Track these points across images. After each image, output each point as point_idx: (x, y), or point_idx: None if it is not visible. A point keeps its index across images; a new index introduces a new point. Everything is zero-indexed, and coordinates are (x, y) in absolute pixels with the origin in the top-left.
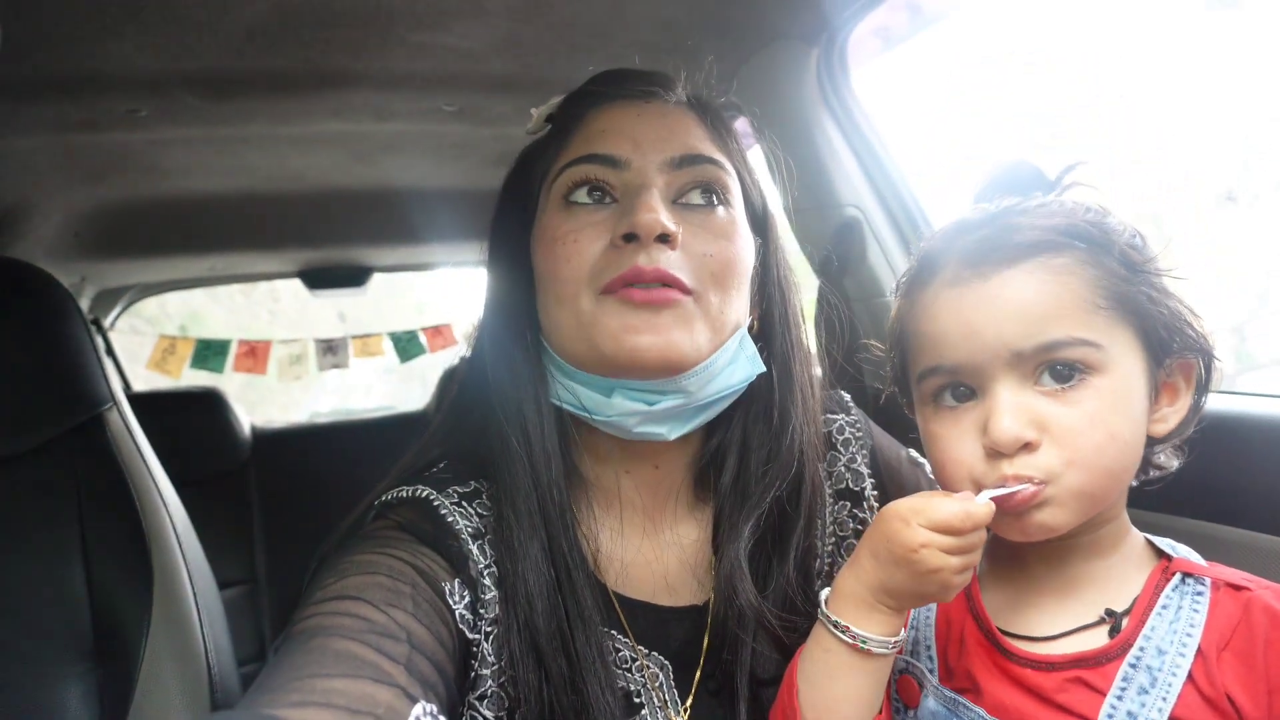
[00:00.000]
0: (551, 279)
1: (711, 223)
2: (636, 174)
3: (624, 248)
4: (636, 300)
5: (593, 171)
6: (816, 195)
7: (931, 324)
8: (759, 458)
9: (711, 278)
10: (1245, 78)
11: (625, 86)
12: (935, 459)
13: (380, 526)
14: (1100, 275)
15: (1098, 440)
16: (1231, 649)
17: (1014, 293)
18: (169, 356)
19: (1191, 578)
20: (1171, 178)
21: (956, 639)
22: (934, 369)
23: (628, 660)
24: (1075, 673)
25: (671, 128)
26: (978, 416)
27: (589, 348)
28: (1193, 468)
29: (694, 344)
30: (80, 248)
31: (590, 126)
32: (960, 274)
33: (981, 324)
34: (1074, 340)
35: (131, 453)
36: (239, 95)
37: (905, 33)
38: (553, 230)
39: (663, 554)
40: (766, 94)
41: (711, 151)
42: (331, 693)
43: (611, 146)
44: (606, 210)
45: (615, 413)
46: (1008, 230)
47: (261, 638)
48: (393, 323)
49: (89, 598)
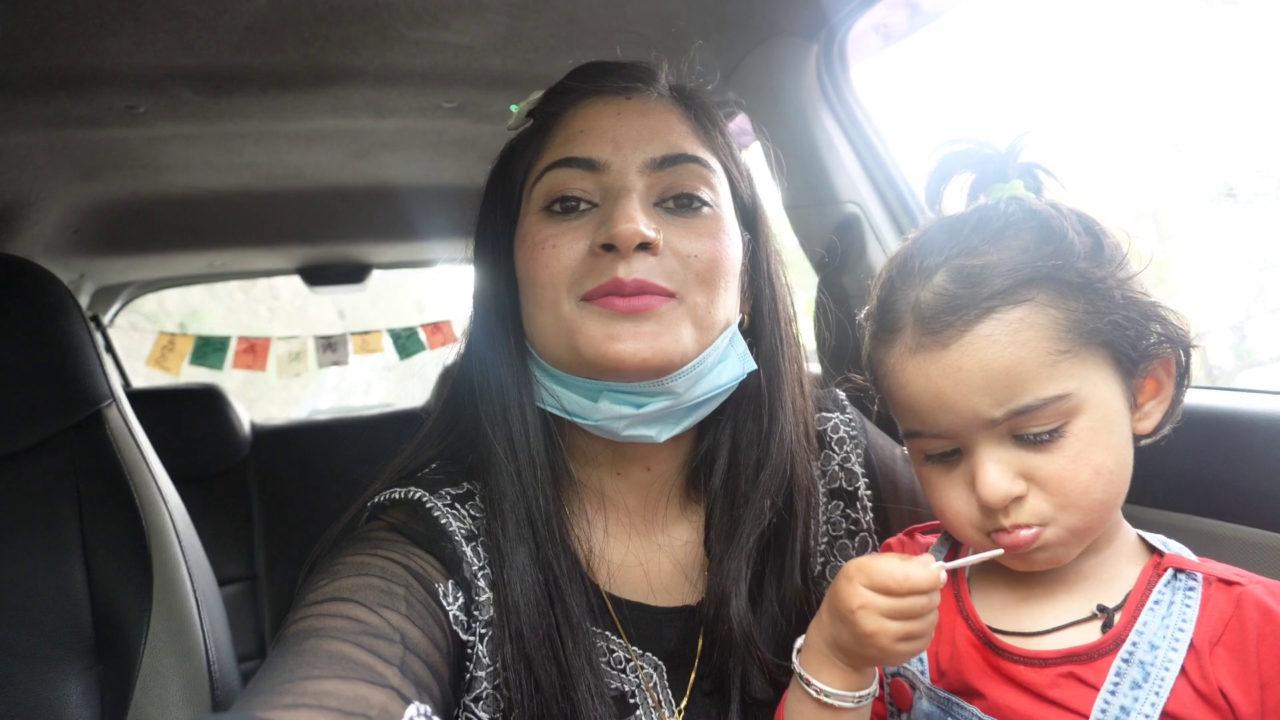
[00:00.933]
0: (532, 284)
1: (696, 224)
2: (616, 177)
3: (603, 256)
4: (619, 309)
5: (572, 179)
6: (815, 192)
7: (902, 392)
8: (748, 457)
9: (697, 278)
10: (1247, 72)
11: (605, 82)
12: (934, 505)
13: (373, 528)
14: (1059, 316)
15: (1084, 480)
16: (1224, 644)
17: (975, 363)
18: (168, 353)
19: (1183, 573)
20: (1170, 173)
21: (948, 640)
22: (916, 433)
23: (621, 661)
24: (1068, 668)
25: (653, 126)
26: (966, 472)
27: (571, 352)
28: (1192, 464)
29: (680, 345)
30: (79, 244)
31: (570, 125)
32: (920, 340)
33: (950, 396)
34: (1044, 401)
35: (131, 450)
36: (238, 91)
37: (905, 29)
38: (533, 236)
39: (655, 555)
40: (766, 90)
41: (695, 149)
42: (324, 694)
43: (590, 148)
44: (587, 216)
45: (602, 416)
46: (962, 281)
47: (261, 634)
48: (392, 319)
49: (89, 595)
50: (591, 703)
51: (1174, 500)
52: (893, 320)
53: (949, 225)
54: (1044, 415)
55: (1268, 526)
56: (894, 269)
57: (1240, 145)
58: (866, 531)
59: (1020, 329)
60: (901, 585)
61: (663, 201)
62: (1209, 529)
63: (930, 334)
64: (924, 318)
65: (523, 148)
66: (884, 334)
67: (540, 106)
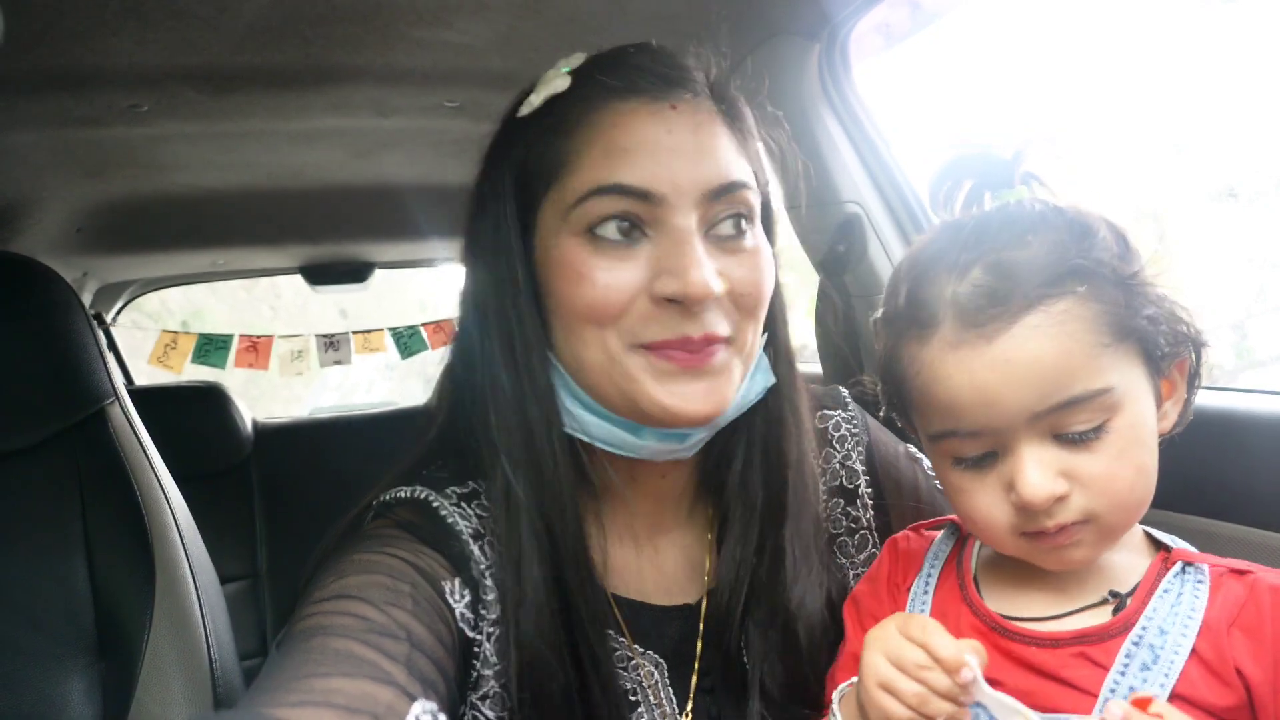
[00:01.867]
0: (574, 317)
1: (742, 254)
2: (671, 212)
3: (667, 308)
4: (679, 364)
5: (622, 206)
6: (817, 191)
7: (940, 388)
8: (760, 451)
9: (746, 315)
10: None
11: (643, 82)
12: (963, 512)
13: (379, 526)
14: (1101, 310)
15: (1129, 478)
16: (1240, 625)
17: (1024, 354)
18: (171, 352)
19: (1191, 566)
20: (1171, 173)
21: (953, 632)
22: (950, 433)
23: (624, 660)
24: (1079, 649)
25: (704, 145)
26: (1002, 473)
27: (625, 398)
28: (1193, 464)
29: (733, 389)
30: (82, 243)
31: (609, 137)
32: (962, 334)
33: (995, 391)
34: (1090, 394)
35: (134, 448)
36: (239, 91)
37: (907, 29)
38: (577, 265)
39: (661, 554)
40: (767, 90)
41: (740, 170)
42: (330, 692)
43: (642, 175)
44: (639, 248)
45: (649, 452)
46: (1003, 274)
47: (263, 632)
48: (394, 318)
49: (91, 592)
50: (606, 706)
51: (1172, 500)
52: (927, 316)
53: (974, 223)
54: (1088, 410)
55: (1267, 526)
56: (918, 267)
57: (1240, 145)
58: (867, 529)
59: (1066, 320)
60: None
61: (712, 229)
62: (1207, 528)
63: (974, 327)
64: (965, 311)
65: (544, 141)
66: (916, 330)
67: (562, 95)
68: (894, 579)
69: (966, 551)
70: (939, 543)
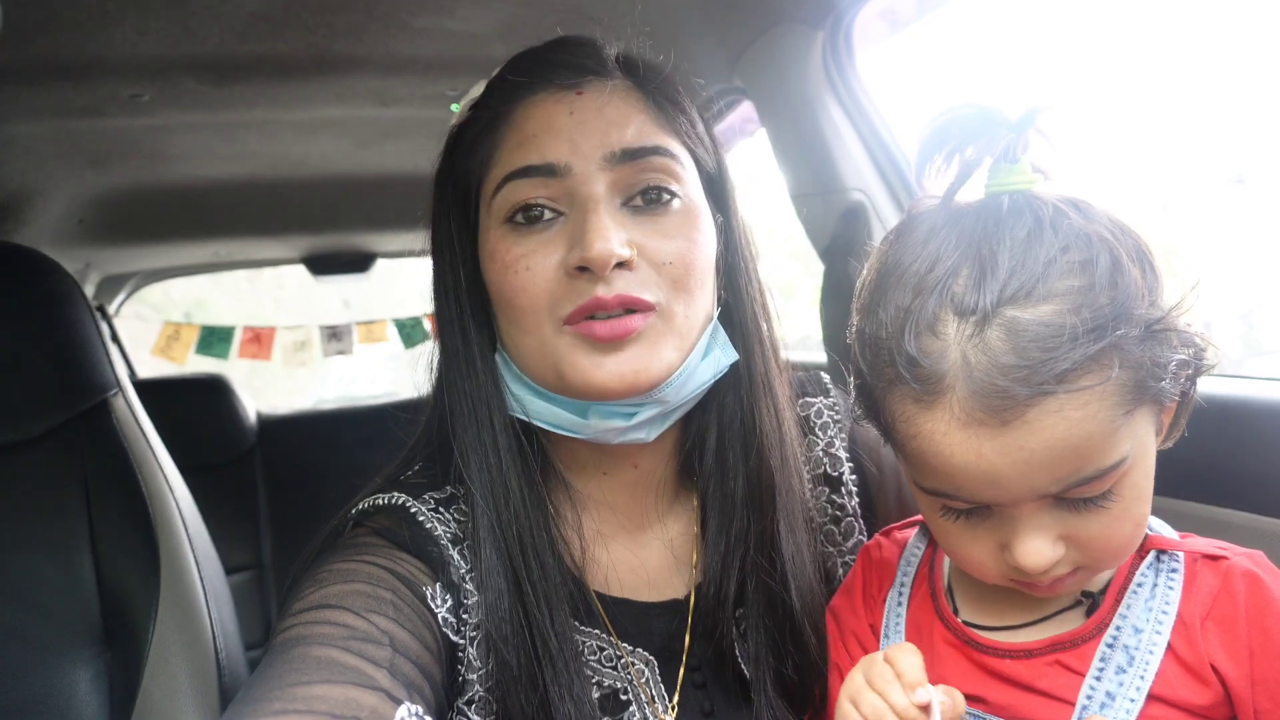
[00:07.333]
0: (510, 307)
1: (666, 223)
2: (579, 181)
3: (579, 277)
4: (600, 336)
5: (532, 190)
6: (821, 180)
7: (939, 460)
8: (736, 432)
9: (673, 286)
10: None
11: (552, 74)
12: (950, 552)
13: (357, 534)
14: (1126, 378)
15: (1126, 534)
16: (1213, 618)
17: (1039, 442)
18: (174, 343)
19: (1166, 554)
20: (1180, 161)
21: (928, 646)
22: (947, 494)
23: (612, 659)
24: (1054, 656)
25: (610, 119)
26: (996, 531)
27: (558, 378)
28: (1198, 452)
29: (663, 362)
30: (85, 234)
31: (522, 128)
32: (972, 413)
33: (1004, 475)
34: (1104, 470)
35: (137, 439)
36: (241, 80)
37: (911, 16)
38: (503, 255)
39: (648, 550)
40: (771, 78)
41: (657, 137)
42: (314, 699)
43: (547, 153)
44: (555, 227)
45: (594, 431)
46: (1023, 351)
47: (268, 622)
48: (397, 309)
49: (97, 583)
50: (570, 706)
51: (1181, 488)
52: (934, 381)
53: (979, 228)
54: (1100, 484)
55: (1276, 514)
56: (909, 281)
57: (1250, 133)
58: (852, 516)
59: (1089, 400)
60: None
61: (629, 199)
62: (1216, 516)
63: (988, 411)
64: (980, 391)
65: (470, 146)
66: (917, 390)
67: (483, 100)
68: (869, 590)
69: (939, 556)
70: (910, 548)
